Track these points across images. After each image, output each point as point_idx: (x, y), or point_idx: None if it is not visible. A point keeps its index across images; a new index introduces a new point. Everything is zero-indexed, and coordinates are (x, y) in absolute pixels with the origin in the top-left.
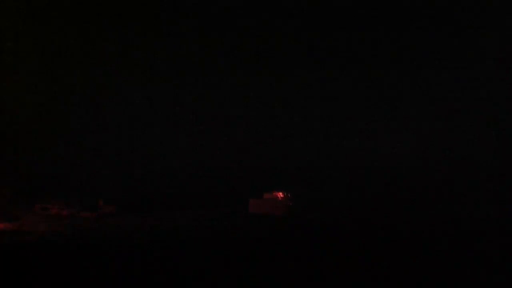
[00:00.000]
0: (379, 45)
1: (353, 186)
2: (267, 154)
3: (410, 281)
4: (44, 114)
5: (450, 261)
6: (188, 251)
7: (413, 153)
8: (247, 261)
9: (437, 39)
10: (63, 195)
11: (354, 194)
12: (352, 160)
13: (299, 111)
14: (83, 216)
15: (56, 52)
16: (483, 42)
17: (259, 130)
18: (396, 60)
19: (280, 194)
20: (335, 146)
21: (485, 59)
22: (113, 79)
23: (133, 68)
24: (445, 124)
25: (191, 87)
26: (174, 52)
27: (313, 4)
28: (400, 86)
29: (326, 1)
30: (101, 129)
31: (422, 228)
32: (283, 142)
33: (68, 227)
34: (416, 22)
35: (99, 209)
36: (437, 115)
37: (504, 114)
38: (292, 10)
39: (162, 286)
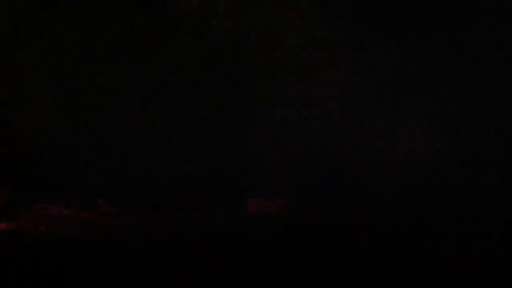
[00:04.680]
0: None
1: (353, 185)
2: (267, 154)
3: (410, 281)
4: (44, 114)
5: (450, 261)
6: (188, 251)
7: (412, 153)
8: (247, 262)
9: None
10: (63, 195)
11: (354, 194)
12: (351, 160)
13: (298, 111)
14: (83, 216)
15: (56, 51)
16: (483, 42)
17: (258, 130)
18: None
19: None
20: (335, 145)
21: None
22: (113, 78)
23: (133, 67)
24: (445, 124)
25: (191, 86)
26: (173, 51)
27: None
28: (399, 85)
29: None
30: (101, 128)
31: (422, 228)
32: (283, 142)
33: (68, 227)
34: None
35: (99, 209)
36: (437, 115)
37: (504, 114)
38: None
39: (162, 286)
